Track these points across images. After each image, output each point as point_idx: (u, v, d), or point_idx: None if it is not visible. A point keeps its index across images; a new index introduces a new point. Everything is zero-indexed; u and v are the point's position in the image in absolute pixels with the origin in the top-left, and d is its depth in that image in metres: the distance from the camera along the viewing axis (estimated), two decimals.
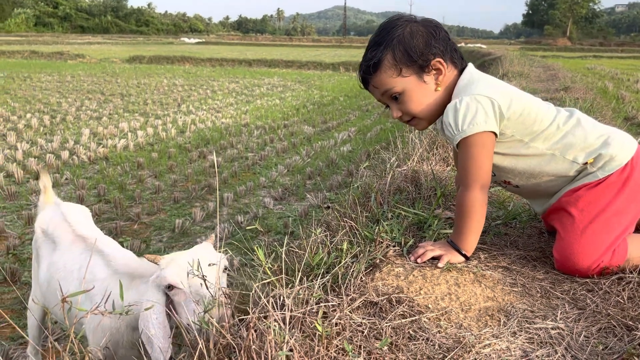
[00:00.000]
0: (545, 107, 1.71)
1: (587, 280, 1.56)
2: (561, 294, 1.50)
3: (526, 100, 1.68)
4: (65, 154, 6.41)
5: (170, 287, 1.52)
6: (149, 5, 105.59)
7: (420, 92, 1.66)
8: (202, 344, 1.03)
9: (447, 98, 1.67)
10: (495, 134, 1.60)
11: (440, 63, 1.64)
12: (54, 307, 2.00)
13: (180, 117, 9.44)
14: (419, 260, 1.66)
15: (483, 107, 1.57)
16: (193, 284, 1.49)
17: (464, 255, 1.67)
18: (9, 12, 72.87)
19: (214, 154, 5.31)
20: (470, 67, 1.72)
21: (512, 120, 1.61)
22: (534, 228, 2.03)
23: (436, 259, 1.66)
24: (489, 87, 1.63)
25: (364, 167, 2.95)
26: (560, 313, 1.39)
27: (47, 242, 2.14)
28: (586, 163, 1.62)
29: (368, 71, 1.66)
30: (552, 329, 1.32)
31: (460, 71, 1.70)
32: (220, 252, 1.61)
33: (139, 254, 3.80)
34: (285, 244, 1.54)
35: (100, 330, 1.66)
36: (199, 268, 1.39)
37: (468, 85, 1.64)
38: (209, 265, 1.51)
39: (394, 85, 1.64)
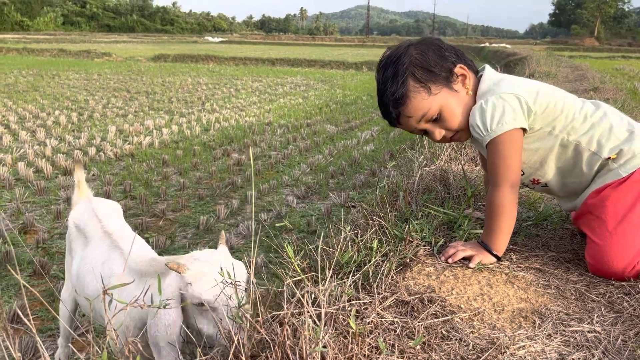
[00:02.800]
0: (571, 98, 1.69)
1: (624, 283, 1.53)
2: (597, 296, 1.47)
3: (551, 92, 1.67)
4: (92, 151, 6.52)
5: (201, 304, 1.46)
6: (173, 4, 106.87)
7: (455, 103, 1.63)
8: (237, 338, 1.03)
9: (474, 102, 1.65)
10: (524, 129, 1.59)
11: (463, 68, 1.63)
12: (83, 300, 2.04)
13: (205, 115, 9.52)
14: (449, 260, 1.64)
15: (510, 104, 1.56)
16: (221, 299, 1.43)
17: (496, 256, 1.64)
18: (37, 11, 74.45)
19: (249, 149, 5.32)
20: (488, 68, 1.71)
21: (539, 114, 1.60)
22: (566, 229, 1.99)
23: (467, 259, 1.65)
24: (512, 84, 1.62)
25: (391, 167, 2.93)
26: (597, 316, 1.36)
27: (79, 237, 2.17)
28: (609, 158, 1.60)
29: (396, 105, 1.60)
30: (588, 332, 1.29)
31: (476, 74, 1.69)
32: (241, 260, 1.57)
33: (165, 250, 3.86)
34: (314, 242, 1.54)
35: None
36: (229, 278, 1.35)
37: (491, 86, 1.63)
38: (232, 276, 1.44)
39: (430, 106, 1.60)
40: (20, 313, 0.99)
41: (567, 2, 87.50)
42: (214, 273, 1.45)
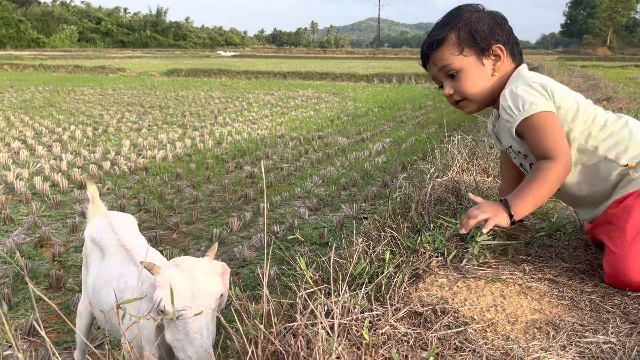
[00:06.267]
0: (592, 105, 1.71)
1: (639, 294, 1.52)
2: (611, 307, 1.46)
3: (577, 96, 1.70)
4: (107, 165, 6.60)
5: (161, 312, 1.40)
6: (186, 19, 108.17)
7: (477, 74, 1.70)
8: (251, 350, 1.04)
9: (500, 87, 1.70)
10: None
11: (501, 49, 1.70)
12: (98, 313, 2.06)
13: (217, 129, 9.60)
14: (463, 231, 1.59)
15: (538, 91, 1.60)
16: (182, 317, 1.36)
17: (511, 217, 1.55)
18: (54, 28, 75.80)
19: (261, 162, 5.36)
20: (525, 66, 1.77)
21: (561, 109, 1.62)
22: (580, 240, 1.98)
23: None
24: (542, 77, 1.68)
25: (402, 178, 2.94)
26: (612, 327, 1.35)
27: (95, 250, 2.20)
28: (627, 166, 1.59)
29: (431, 47, 1.73)
30: (603, 343, 1.29)
31: (517, 66, 1.75)
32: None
33: None
34: (326, 253, 1.55)
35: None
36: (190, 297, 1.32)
37: (523, 75, 1.69)
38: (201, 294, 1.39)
39: (453, 62, 1.70)
40: (36, 325, 1.01)
41: (579, 12, 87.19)
42: (184, 284, 1.39)
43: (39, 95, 15.03)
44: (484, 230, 1.55)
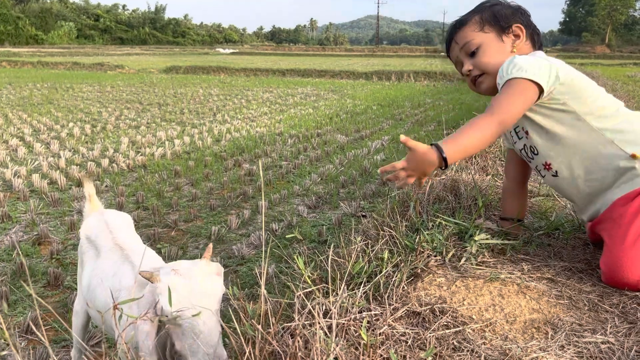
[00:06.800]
0: (607, 95, 1.70)
1: (638, 293, 1.51)
2: (610, 307, 1.46)
3: (590, 80, 1.69)
4: (105, 162, 6.59)
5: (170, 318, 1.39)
6: (185, 16, 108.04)
7: (496, 49, 1.76)
8: (249, 350, 1.04)
9: None
10: (541, 90, 1.58)
11: (520, 29, 1.77)
12: (92, 312, 2.05)
13: (216, 126, 9.59)
14: (397, 186, 1.56)
15: (539, 63, 1.60)
16: (189, 320, 1.36)
17: (444, 160, 1.48)
18: (52, 25, 75.62)
19: (259, 161, 5.35)
20: (542, 52, 1.81)
21: (566, 86, 1.61)
22: (578, 239, 1.98)
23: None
24: (558, 61, 1.67)
25: None
26: (610, 327, 1.35)
27: (90, 249, 2.19)
28: (632, 155, 1.56)
29: (454, 28, 1.84)
30: (602, 343, 1.28)
31: (533, 47, 1.81)
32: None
33: (177, 260, 3.87)
34: (325, 251, 1.55)
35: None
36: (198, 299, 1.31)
37: (535, 54, 1.74)
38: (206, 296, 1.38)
39: (474, 38, 1.77)
40: (32, 325, 1.00)
41: (578, 10, 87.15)
42: (186, 287, 1.38)
43: (37, 92, 15.00)
44: (421, 187, 1.63)
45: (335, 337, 1.13)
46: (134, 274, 1.82)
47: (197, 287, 1.39)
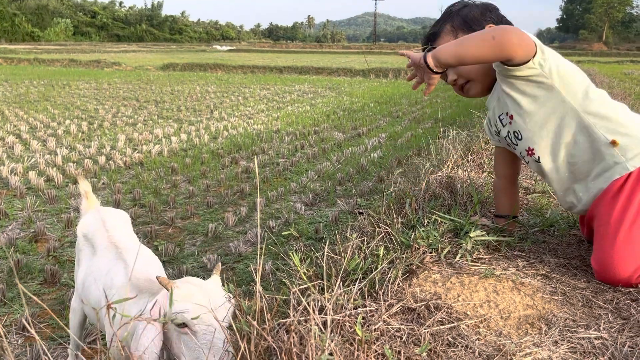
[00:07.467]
0: (593, 85, 1.70)
1: (631, 289, 1.53)
2: (604, 303, 1.47)
3: (578, 69, 1.68)
4: (102, 159, 6.58)
5: (183, 325, 1.42)
6: (182, 13, 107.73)
7: None
8: (244, 346, 1.04)
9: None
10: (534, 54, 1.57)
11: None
12: (87, 309, 2.06)
13: (213, 124, 9.58)
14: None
15: (531, 37, 1.57)
16: (204, 329, 1.40)
17: (424, 60, 1.56)
18: (48, 22, 75.32)
19: (255, 157, 5.36)
20: None
21: (551, 60, 1.59)
22: (573, 236, 1.99)
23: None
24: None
25: (397, 174, 2.94)
26: (604, 323, 1.36)
27: (87, 247, 2.20)
28: (612, 142, 1.57)
29: (428, 41, 1.84)
30: (595, 338, 1.29)
31: None
32: (226, 294, 1.53)
33: (174, 257, 3.88)
34: (321, 248, 1.55)
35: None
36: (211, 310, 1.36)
37: None
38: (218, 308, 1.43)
39: None
40: (25, 323, 1.00)
41: (575, 7, 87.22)
42: (202, 297, 1.43)
43: (33, 89, 14.96)
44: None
45: (330, 333, 1.13)
46: (126, 273, 1.83)
47: (213, 297, 1.45)
